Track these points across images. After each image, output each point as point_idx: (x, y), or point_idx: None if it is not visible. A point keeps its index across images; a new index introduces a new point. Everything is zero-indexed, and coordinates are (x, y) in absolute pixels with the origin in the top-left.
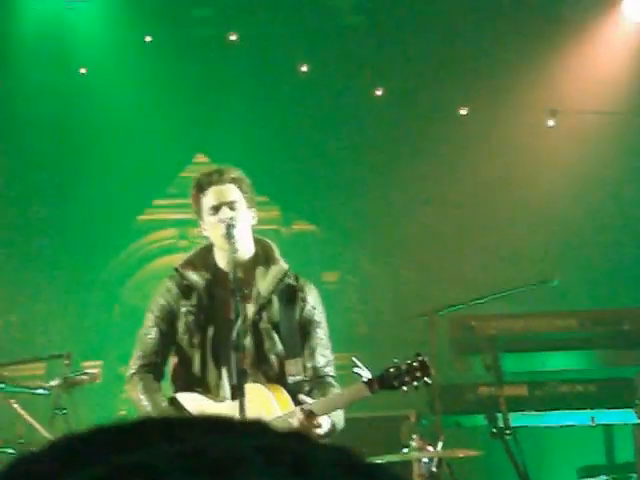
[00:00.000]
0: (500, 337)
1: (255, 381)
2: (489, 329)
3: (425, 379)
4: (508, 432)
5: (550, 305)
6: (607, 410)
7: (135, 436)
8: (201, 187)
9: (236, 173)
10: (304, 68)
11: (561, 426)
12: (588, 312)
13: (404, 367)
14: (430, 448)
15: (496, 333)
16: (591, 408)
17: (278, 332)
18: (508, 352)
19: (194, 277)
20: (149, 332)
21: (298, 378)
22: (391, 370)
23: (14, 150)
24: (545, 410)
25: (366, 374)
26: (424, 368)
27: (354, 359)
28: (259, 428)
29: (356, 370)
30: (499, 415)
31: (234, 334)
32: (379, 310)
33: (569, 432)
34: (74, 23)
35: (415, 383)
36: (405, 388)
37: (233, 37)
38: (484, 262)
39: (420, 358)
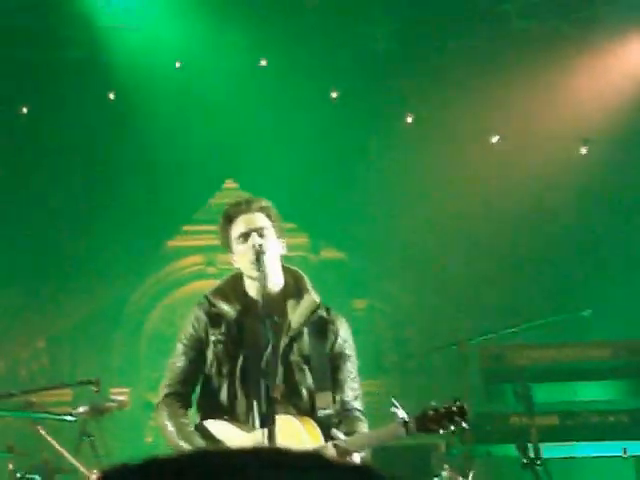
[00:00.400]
0: (531, 367)
1: (286, 413)
2: (520, 359)
3: (463, 424)
4: (539, 462)
5: (582, 335)
6: (639, 441)
7: (192, 468)
8: (230, 217)
9: (264, 202)
10: (334, 94)
11: (592, 457)
12: (621, 342)
13: (443, 411)
14: (461, 478)
15: (527, 363)
16: (623, 439)
17: (308, 365)
18: (539, 382)
19: (224, 306)
20: (177, 360)
21: (328, 411)
22: (430, 413)
23: (45, 175)
24: (576, 441)
25: (403, 415)
26: (462, 413)
27: (392, 399)
28: (319, 462)
29: (393, 410)
30: (530, 445)
31: (263, 362)
32: (408, 338)
33: (600, 463)
34: (106, 48)
35: (452, 427)
36: (442, 432)
37: (263, 63)
38: (516, 291)
39: (459, 403)
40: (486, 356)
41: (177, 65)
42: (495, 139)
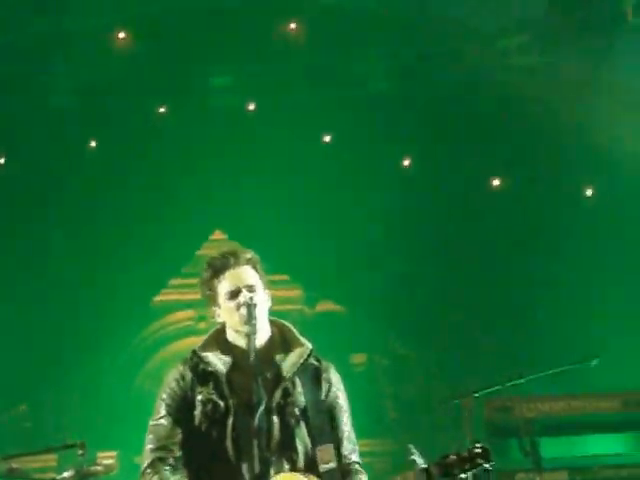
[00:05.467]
0: (539, 420)
1: (279, 469)
2: (527, 411)
3: (486, 466)
4: None
5: (590, 386)
6: None
7: None
8: (216, 271)
9: (250, 254)
10: (327, 138)
11: None
12: (632, 393)
13: (465, 454)
14: None
15: (534, 415)
16: None
17: (305, 416)
18: (547, 435)
19: (213, 361)
20: (161, 421)
21: (331, 465)
22: (451, 457)
23: (22, 233)
24: None
25: (422, 462)
26: (485, 455)
27: (410, 446)
28: None
29: (412, 457)
30: None
31: (256, 421)
32: (409, 393)
33: None
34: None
35: (475, 470)
36: (464, 475)
37: (252, 107)
38: (522, 342)
39: (481, 445)
40: (491, 409)
41: (162, 110)
42: (497, 181)
